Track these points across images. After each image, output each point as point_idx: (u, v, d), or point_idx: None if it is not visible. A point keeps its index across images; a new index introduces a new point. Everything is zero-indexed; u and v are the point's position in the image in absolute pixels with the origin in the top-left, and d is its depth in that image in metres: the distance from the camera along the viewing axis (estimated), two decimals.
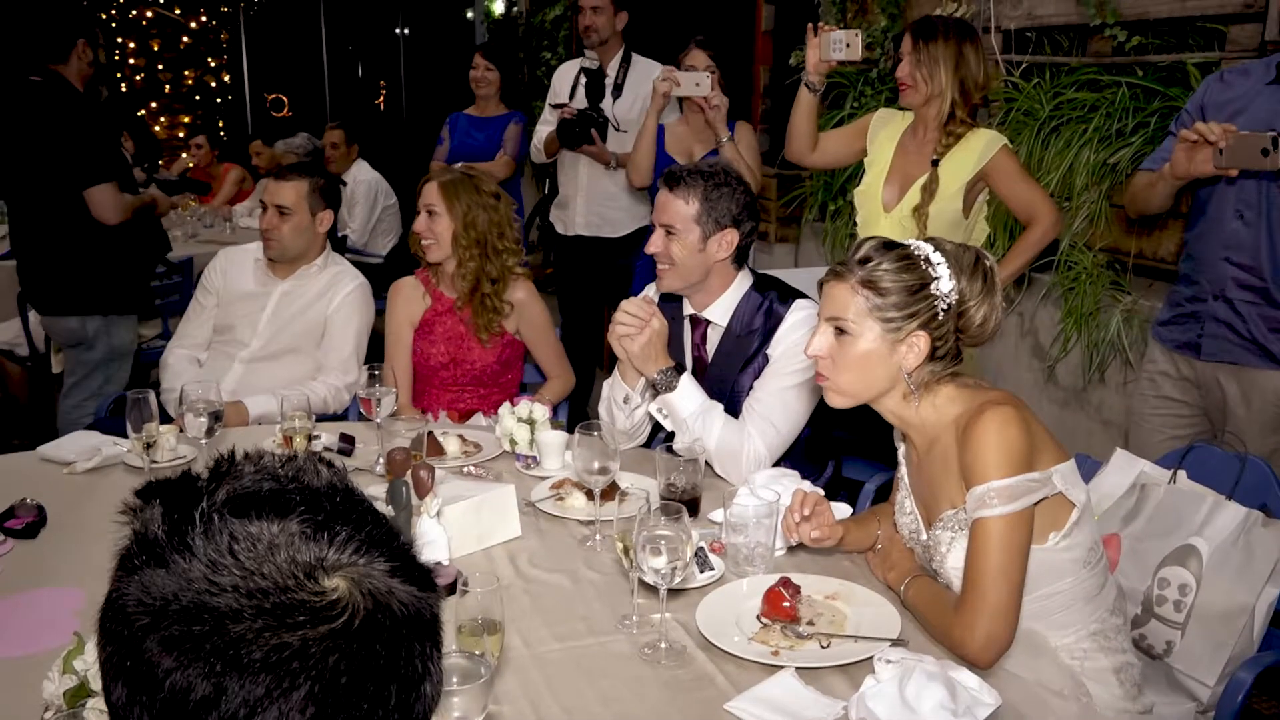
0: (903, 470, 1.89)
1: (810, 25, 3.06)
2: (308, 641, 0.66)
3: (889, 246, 1.74)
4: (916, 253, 1.72)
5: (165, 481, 0.77)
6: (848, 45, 2.94)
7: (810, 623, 1.70)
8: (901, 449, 1.92)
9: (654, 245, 2.38)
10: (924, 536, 1.81)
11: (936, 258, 1.71)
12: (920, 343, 1.71)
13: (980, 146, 2.83)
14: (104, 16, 8.34)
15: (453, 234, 2.83)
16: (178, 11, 8.80)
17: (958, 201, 2.85)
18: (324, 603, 0.67)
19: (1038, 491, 1.64)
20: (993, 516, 1.61)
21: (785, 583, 1.73)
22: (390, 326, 2.98)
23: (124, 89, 8.87)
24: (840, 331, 1.75)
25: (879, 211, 2.95)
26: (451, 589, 1.61)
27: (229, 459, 0.78)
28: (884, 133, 3.04)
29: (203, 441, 2.25)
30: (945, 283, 1.70)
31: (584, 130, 4.12)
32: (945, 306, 1.70)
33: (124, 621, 0.69)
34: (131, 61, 8.94)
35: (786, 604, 1.70)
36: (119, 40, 8.85)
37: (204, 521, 0.70)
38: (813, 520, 1.88)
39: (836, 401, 1.81)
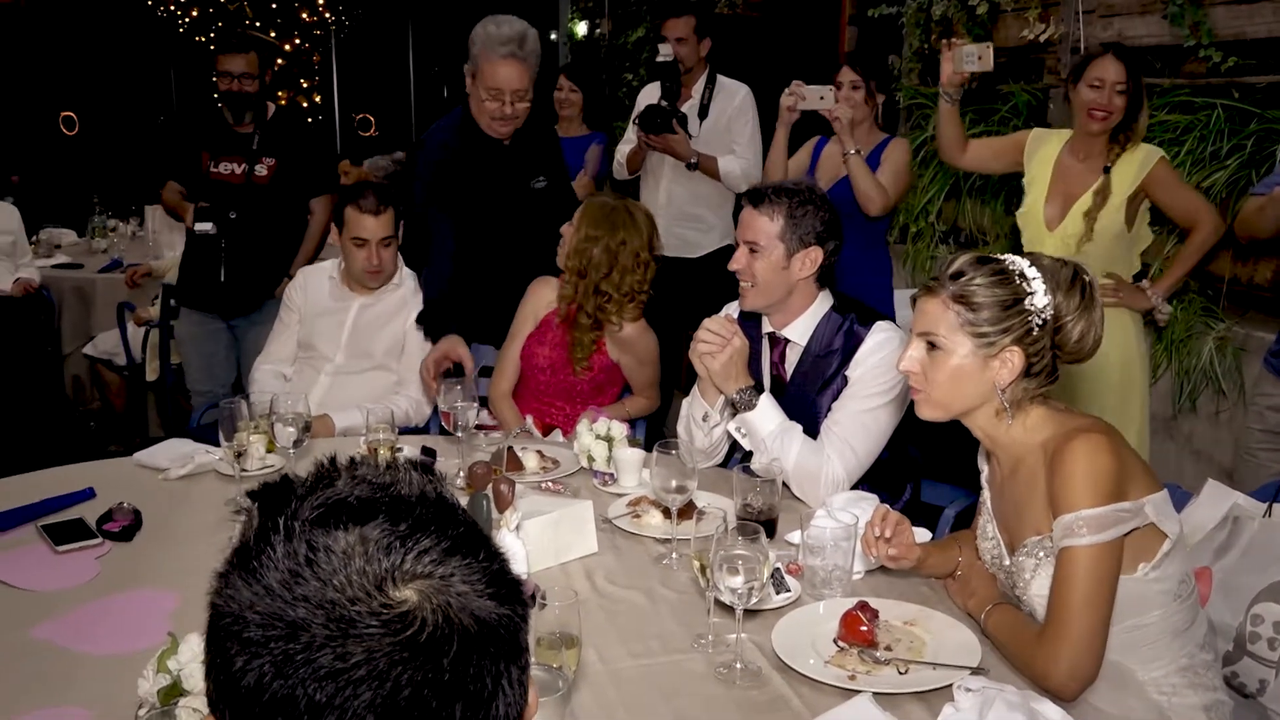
0: (985, 493, 1.86)
1: (945, 41, 3.21)
2: (372, 652, 0.67)
3: (983, 261, 1.71)
4: (1011, 267, 1.69)
5: (265, 486, 0.78)
6: (979, 58, 3.09)
7: (888, 648, 1.68)
8: (985, 471, 1.89)
9: (737, 262, 2.38)
10: (1006, 562, 1.77)
11: (1032, 273, 1.68)
12: (1014, 359, 1.68)
13: (1140, 159, 2.95)
14: (203, 40, 8.63)
15: (566, 253, 2.87)
16: (273, 35, 9.08)
17: (1121, 214, 2.94)
18: (392, 615, 0.68)
19: (1128, 522, 1.60)
20: (1080, 546, 1.58)
21: (863, 607, 1.72)
22: (518, 315, 3.02)
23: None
24: (932, 346, 1.73)
25: (1043, 232, 3.06)
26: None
27: (330, 465, 0.79)
28: (1040, 153, 3.13)
29: (291, 451, 2.30)
30: (1040, 298, 1.66)
31: (666, 120, 4.14)
32: (1040, 322, 1.66)
33: (213, 620, 0.72)
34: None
35: (864, 628, 1.68)
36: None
37: (285, 531, 0.71)
38: (892, 541, 1.86)
39: (928, 414, 1.79)
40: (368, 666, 0.66)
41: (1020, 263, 1.70)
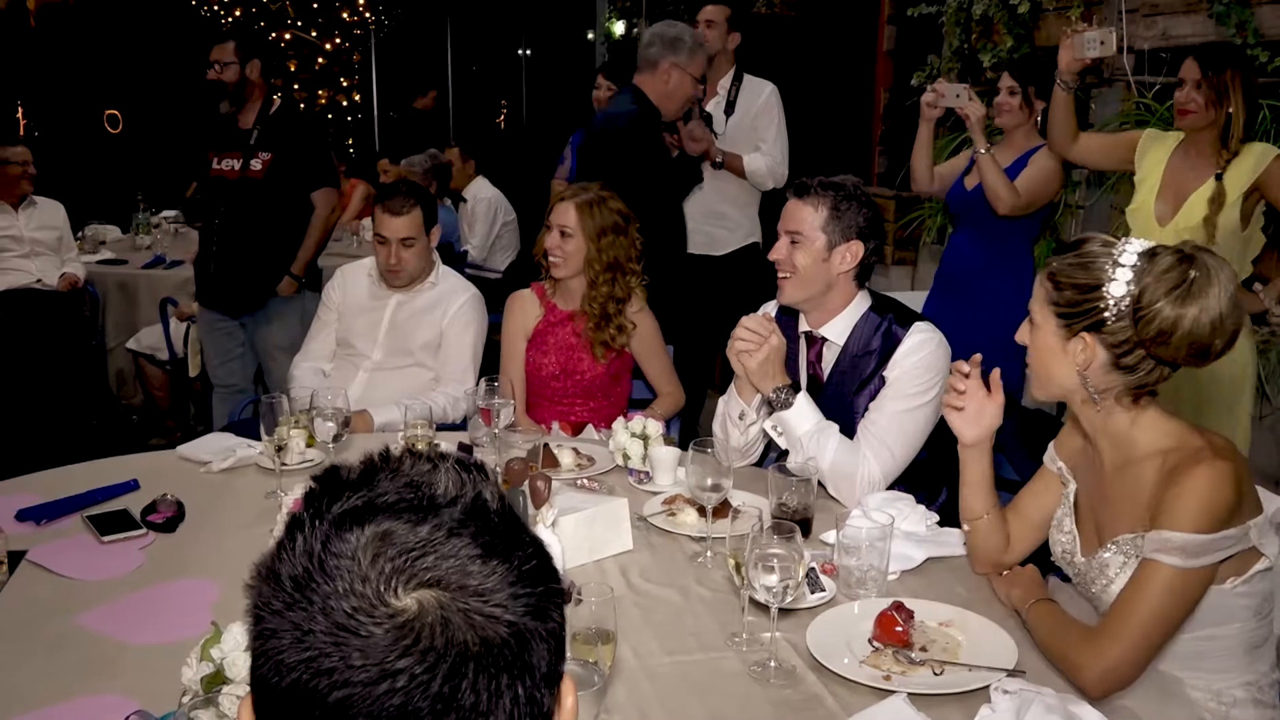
0: (1069, 487, 1.83)
1: (1065, 29, 3.20)
2: (368, 658, 0.67)
3: (1092, 243, 1.66)
4: (1113, 252, 1.62)
5: (312, 481, 0.78)
6: (1102, 43, 3.08)
7: (923, 649, 1.67)
8: (1060, 465, 1.86)
9: (777, 252, 2.37)
10: (1079, 558, 1.75)
11: (1127, 259, 1.60)
12: (1090, 346, 1.64)
13: (1255, 157, 2.94)
14: None
15: (585, 257, 2.89)
16: (314, 34, 9.16)
17: (1235, 212, 2.94)
18: (391, 625, 0.68)
19: (1228, 549, 1.57)
20: (1169, 565, 1.55)
21: (898, 607, 1.71)
22: (505, 338, 3.05)
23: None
24: (1031, 321, 1.74)
25: (1153, 226, 3.07)
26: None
27: (378, 460, 0.78)
28: (1152, 153, 3.14)
29: (330, 446, 2.33)
30: (1119, 286, 1.60)
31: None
32: (1115, 311, 1.61)
33: (247, 612, 0.73)
34: (271, 82, 9.26)
35: (899, 629, 1.68)
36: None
37: (307, 530, 0.72)
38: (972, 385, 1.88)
39: (1034, 391, 1.79)
40: (364, 672, 0.67)
41: (1126, 248, 1.62)
